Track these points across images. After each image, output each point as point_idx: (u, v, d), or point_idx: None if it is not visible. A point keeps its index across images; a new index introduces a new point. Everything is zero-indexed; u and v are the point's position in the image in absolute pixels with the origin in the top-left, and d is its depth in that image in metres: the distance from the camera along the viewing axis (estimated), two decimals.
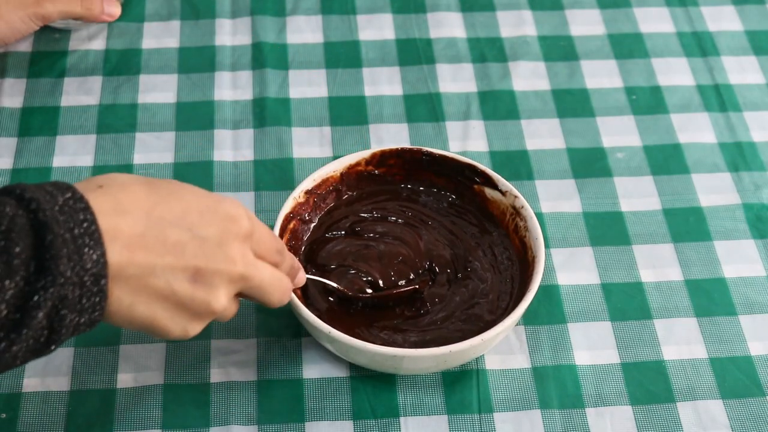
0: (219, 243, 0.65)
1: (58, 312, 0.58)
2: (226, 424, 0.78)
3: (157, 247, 0.62)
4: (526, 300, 0.78)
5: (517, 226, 0.85)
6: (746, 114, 1.02)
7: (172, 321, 0.65)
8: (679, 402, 0.81)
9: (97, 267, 0.59)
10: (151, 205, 0.63)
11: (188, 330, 0.66)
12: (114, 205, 0.61)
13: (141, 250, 0.61)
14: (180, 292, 0.64)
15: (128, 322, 0.63)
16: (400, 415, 0.79)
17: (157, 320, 0.64)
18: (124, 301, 0.62)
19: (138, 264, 0.61)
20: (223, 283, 0.65)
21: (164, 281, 0.63)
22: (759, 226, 0.93)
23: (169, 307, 0.64)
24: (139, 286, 0.62)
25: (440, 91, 1.03)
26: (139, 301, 0.62)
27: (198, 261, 0.64)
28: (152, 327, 0.64)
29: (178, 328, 0.65)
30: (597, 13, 1.12)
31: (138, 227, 0.62)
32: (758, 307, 0.88)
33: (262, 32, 1.07)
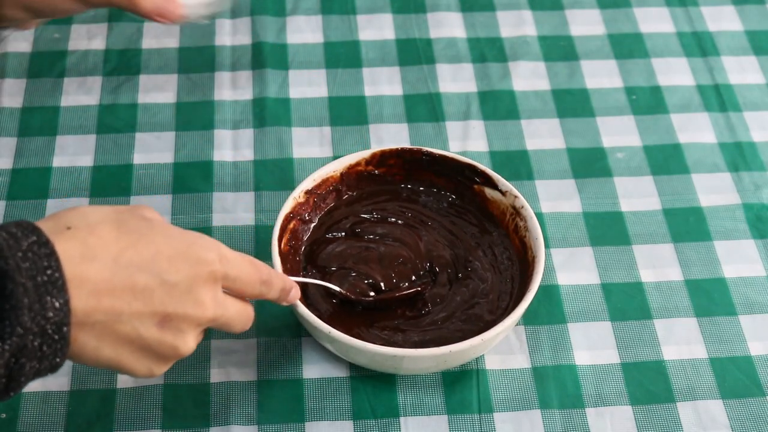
0: (188, 289, 0.64)
1: (17, 361, 0.57)
2: (226, 424, 0.78)
3: (124, 294, 0.61)
4: (526, 300, 0.78)
5: (517, 226, 0.85)
6: (746, 114, 1.02)
7: (138, 363, 0.64)
8: (679, 402, 0.81)
9: (59, 315, 0.57)
10: (119, 249, 0.62)
11: (154, 371, 0.66)
12: (82, 250, 0.60)
13: (107, 297, 0.60)
14: (147, 338, 0.63)
15: (93, 363, 0.63)
16: (400, 415, 0.79)
17: (123, 362, 0.63)
18: (88, 345, 0.61)
19: (104, 310, 0.60)
20: (191, 328, 0.65)
21: (131, 327, 0.62)
22: (759, 226, 0.93)
23: (135, 350, 0.63)
24: (104, 331, 0.61)
25: (440, 91, 1.03)
26: (105, 345, 0.62)
27: (166, 307, 0.63)
28: (118, 368, 0.64)
29: (144, 369, 0.65)
30: (597, 13, 1.12)
31: (105, 273, 0.60)
32: (758, 307, 0.88)
33: (262, 32, 1.07)
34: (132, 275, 0.61)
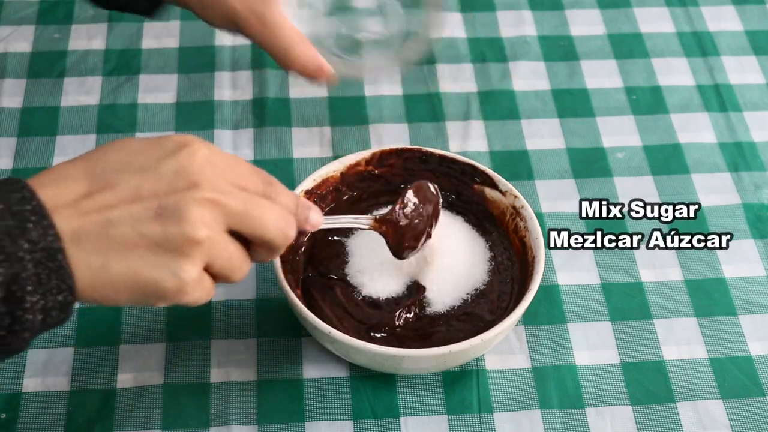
0: (175, 171, 0.58)
1: (14, 294, 0.54)
2: (226, 424, 0.78)
3: (107, 198, 0.57)
4: (526, 300, 0.78)
5: (517, 226, 0.85)
6: (746, 114, 1.02)
7: (157, 269, 0.58)
8: (679, 402, 0.81)
9: (46, 240, 0.54)
10: (91, 163, 0.58)
11: (180, 273, 0.58)
12: (52, 176, 0.58)
13: (90, 207, 0.57)
14: (150, 234, 0.57)
15: (111, 289, 0.57)
16: (400, 415, 0.79)
17: (141, 274, 0.57)
18: (93, 264, 0.56)
19: (92, 222, 0.56)
20: (192, 208, 0.58)
21: (128, 229, 0.57)
22: (759, 226, 0.93)
23: (145, 254, 0.57)
24: (102, 243, 0.56)
25: (440, 91, 1.03)
26: (111, 259, 0.57)
27: (156, 196, 0.58)
28: (139, 285, 0.58)
29: (168, 273, 0.58)
30: (597, 13, 1.12)
31: (82, 187, 0.57)
32: (758, 307, 0.88)
33: None
34: (110, 179, 0.58)
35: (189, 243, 0.58)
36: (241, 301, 0.85)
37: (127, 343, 0.83)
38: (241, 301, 0.85)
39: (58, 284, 0.55)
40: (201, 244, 0.58)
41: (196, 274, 0.59)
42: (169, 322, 0.84)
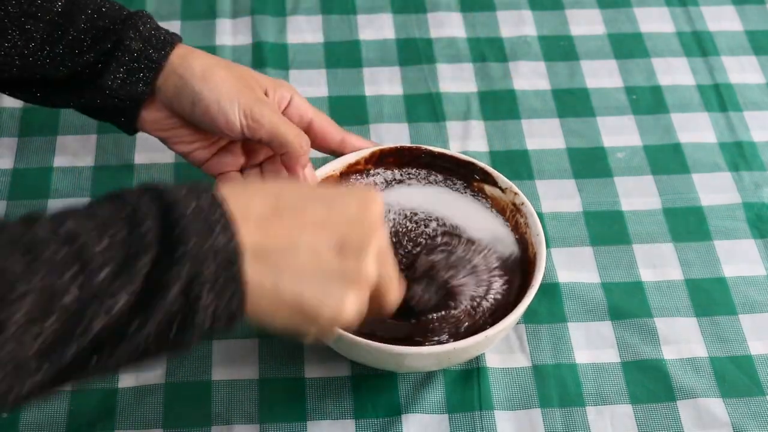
0: (359, 214, 0.62)
1: (192, 291, 0.55)
2: (228, 423, 0.78)
3: (295, 222, 0.60)
4: (528, 297, 0.78)
5: (517, 223, 0.85)
6: (746, 114, 1.02)
7: (323, 294, 0.60)
8: (680, 401, 0.81)
9: (229, 247, 0.56)
10: (278, 187, 0.62)
11: (343, 300, 0.60)
12: (240, 189, 0.61)
13: (277, 227, 0.59)
14: (327, 263, 0.60)
15: (273, 307, 0.59)
16: (402, 414, 0.79)
17: (307, 298, 0.59)
18: (265, 281, 0.58)
19: (276, 240, 0.59)
20: (371, 251, 0.61)
21: (307, 254, 0.59)
22: (759, 225, 0.93)
23: (317, 280, 0.60)
24: (280, 264, 0.59)
25: (440, 91, 1.03)
26: (283, 279, 0.59)
27: (342, 232, 0.61)
28: (302, 308, 0.59)
29: (332, 302, 0.60)
30: (597, 13, 1.12)
31: (269, 205, 0.59)
32: (758, 306, 0.88)
33: (263, 32, 1.07)
34: (297, 203, 0.61)
35: (361, 281, 0.61)
36: None
37: None
38: None
39: (232, 293, 0.57)
40: (369, 285, 0.62)
41: (358, 311, 0.62)
42: None
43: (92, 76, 0.79)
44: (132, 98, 0.80)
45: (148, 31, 0.80)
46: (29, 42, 0.79)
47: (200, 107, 0.80)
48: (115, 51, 0.79)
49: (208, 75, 0.80)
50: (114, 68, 0.79)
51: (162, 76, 0.80)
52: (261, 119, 0.80)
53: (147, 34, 0.79)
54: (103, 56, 0.79)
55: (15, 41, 0.78)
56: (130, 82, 0.79)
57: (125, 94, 0.80)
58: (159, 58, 0.79)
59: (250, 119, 0.80)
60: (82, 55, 0.79)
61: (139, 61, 0.79)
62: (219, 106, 0.79)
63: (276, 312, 0.59)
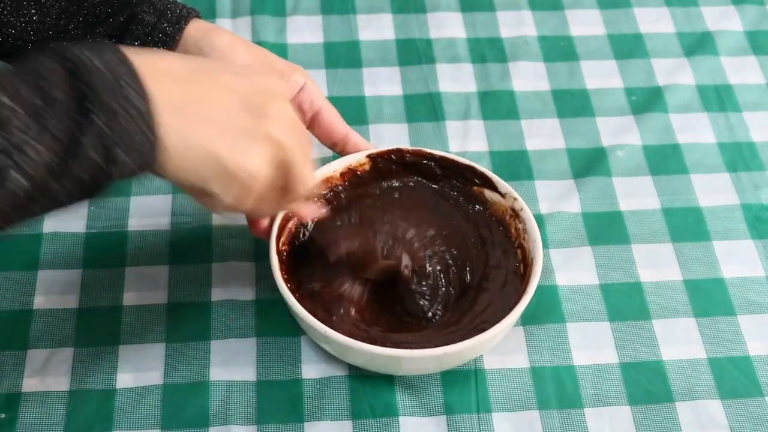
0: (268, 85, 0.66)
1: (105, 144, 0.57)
2: (225, 424, 0.79)
3: (207, 84, 0.63)
4: (523, 302, 0.78)
5: (516, 228, 0.84)
6: (746, 114, 1.02)
7: (231, 146, 0.63)
8: (678, 402, 0.81)
9: (138, 100, 0.58)
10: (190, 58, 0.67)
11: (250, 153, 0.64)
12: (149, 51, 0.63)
13: (189, 85, 0.62)
14: (236, 119, 0.63)
15: (190, 160, 0.62)
16: (399, 415, 0.80)
17: (221, 150, 0.62)
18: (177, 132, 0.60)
19: (188, 97, 0.62)
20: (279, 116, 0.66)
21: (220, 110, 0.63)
22: (758, 226, 0.93)
23: (226, 134, 0.63)
24: (192, 116, 0.61)
25: (440, 91, 1.03)
26: (195, 130, 0.62)
27: (251, 96, 0.65)
28: (216, 161, 0.63)
29: (239, 152, 0.64)
30: (597, 13, 1.12)
31: (180, 65, 0.63)
32: (757, 307, 0.88)
33: (262, 32, 1.07)
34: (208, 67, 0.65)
35: (270, 139, 0.65)
36: (240, 302, 0.85)
37: (127, 343, 0.83)
38: (240, 301, 0.85)
39: (145, 144, 0.59)
40: (278, 144, 0.65)
41: (266, 166, 0.65)
42: (169, 322, 0.84)
43: None
44: None
45: (163, 5, 0.80)
46: (45, 17, 0.79)
47: None
48: (129, 24, 0.79)
49: (228, 52, 0.80)
50: (128, 42, 0.79)
51: (180, 49, 0.80)
52: None
53: (162, 7, 0.80)
54: (117, 30, 0.79)
55: (31, 17, 0.79)
56: None
57: None
58: (173, 32, 0.80)
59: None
60: (96, 27, 0.79)
61: (153, 34, 0.79)
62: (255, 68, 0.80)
63: (186, 164, 0.62)
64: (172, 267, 0.88)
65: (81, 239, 0.89)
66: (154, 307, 0.85)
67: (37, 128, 0.55)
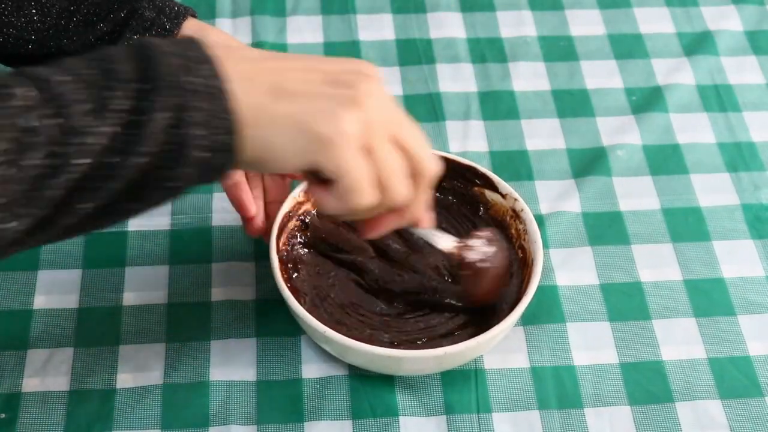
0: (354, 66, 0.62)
1: (179, 122, 0.55)
2: (225, 424, 0.79)
3: (286, 65, 0.60)
4: (523, 303, 0.78)
5: (516, 229, 0.84)
6: (745, 114, 1.02)
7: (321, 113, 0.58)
8: (678, 402, 0.81)
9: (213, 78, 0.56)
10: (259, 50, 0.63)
11: (339, 114, 0.59)
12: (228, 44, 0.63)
13: (268, 67, 0.59)
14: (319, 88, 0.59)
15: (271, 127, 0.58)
16: (399, 415, 0.80)
17: (305, 113, 0.58)
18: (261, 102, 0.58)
19: (264, 73, 0.59)
20: (363, 85, 0.60)
21: (300, 83, 0.59)
22: (758, 226, 0.93)
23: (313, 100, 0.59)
24: (270, 89, 0.58)
25: (440, 91, 1.03)
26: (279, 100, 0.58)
27: (336, 73, 0.61)
28: (301, 125, 0.58)
29: (327, 113, 0.58)
30: (597, 13, 1.12)
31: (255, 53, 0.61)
32: (757, 307, 0.88)
33: (262, 32, 1.07)
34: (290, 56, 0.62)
35: (356, 102, 0.59)
36: (240, 302, 0.85)
37: (127, 343, 0.83)
38: (240, 301, 0.85)
39: (223, 122, 0.56)
40: (368, 111, 0.60)
41: (356, 130, 0.59)
42: (169, 322, 0.84)
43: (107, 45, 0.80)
44: None
45: (162, 1, 0.81)
46: (46, 16, 0.80)
47: None
48: (129, 19, 0.80)
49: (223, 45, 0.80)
50: (128, 36, 0.80)
51: None
52: None
53: (161, 4, 0.81)
54: (117, 25, 0.80)
55: (32, 16, 0.79)
56: None
57: None
58: (171, 27, 0.80)
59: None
60: (96, 24, 0.80)
61: (152, 29, 0.80)
62: None
63: (273, 137, 0.58)
64: (172, 267, 0.88)
65: (81, 239, 0.89)
66: (154, 307, 0.85)
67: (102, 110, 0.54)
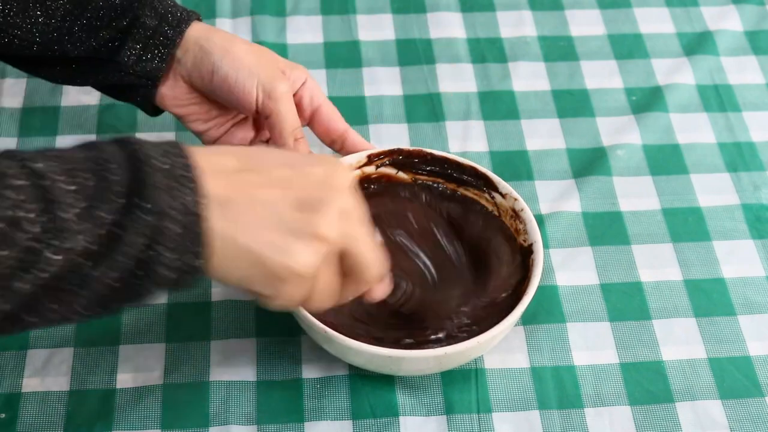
0: (323, 178, 0.64)
1: (152, 245, 0.57)
2: (225, 424, 0.78)
3: (260, 179, 0.62)
4: (523, 303, 0.78)
5: (516, 229, 0.84)
6: (745, 114, 1.02)
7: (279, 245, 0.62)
8: (678, 402, 0.81)
9: (194, 206, 0.58)
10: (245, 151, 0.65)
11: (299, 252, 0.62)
12: (213, 149, 0.64)
13: (242, 182, 0.62)
14: (287, 219, 0.62)
15: (233, 261, 0.61)
16: (400, 415, 0.79)
17: (265, 251, 0.61)
18: (227, 231, 0.60)
19: (240, 194, 0.61)
20: (331, 208, 0.63)
21: (269, 209, 0.62)
22: (758, 226, 0.93)
23: (276, 236, 0.62)
24: (241, 216, 0.61)
25: (440, 91, 1.03)
26: (243, 230, 0.61)
27: (305, 191, 0.63)
28: (260, 261, 0.61)
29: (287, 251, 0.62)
30: (597, 13, 1.12)
31: (235, 163, 0.62)
32: (757, 307, 0.88)
33: (262, 32, 1.07)
34: (261, 164, 0.63)
35: (318, 237, 0.62)
36: (240, 302, 0.85)
37: (127, 343, 0.83)
38: (241, 301, 0.85)
39: (194, 249, 0.59)
40: (328, 241, 0.63)
41: (314, 265, 0.63)
42: (169, 322, 0.84)
43: (110, 53, 0.81)
44: (148, 74, 0.82)
45: (164, 8, 0.81)
46: (50, 19, 0.80)
47: (219, 77, 0.81)
48: (131, 28, 0.80)
49: (229, 47, 0.81)
50: (130, 45, 0.80)
51: (182, 48, 0.81)
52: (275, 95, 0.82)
53: (163, 11, 0.81)
54: (120, 33, 0.80)
55: (36, 18, 0.80)
56: (146, 58, 0.81)
57: (141, 70, 0.81)
58: (174, 35, 0.80)
59: (267, 95, 0.82)
60: (99, 31, 0.80)
61: (155, 37, 0.80)
62: (237, 76, 0.81)
63: (235, 266, 0.61)
64: None
65: None
66: (154, 307, 0.85)
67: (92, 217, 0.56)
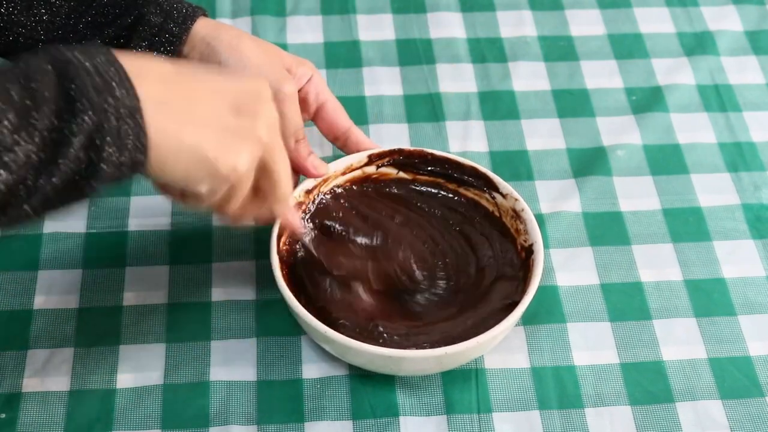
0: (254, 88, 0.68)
1: (94, 142, 0.58)
2: (226, 424, 0.78)
3: (194, 84, 0.64)
4: (524, 303, 0.78)
5: (517, 229, 0.84)
6: (746, 114, 1.02)
7: (220, 149, 0.64)
8: (679, 402, 0.81)
9: (128, 99, 0.59)
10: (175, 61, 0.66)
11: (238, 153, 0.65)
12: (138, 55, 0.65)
13: (177, 85, 0.63)
14: (224, 119, 0.64)
15: (173, 157, 0.62)
16: (400, 415, 0.79)
17: (205, 148, 0.63)
18: (167, 130, 0.61)
19: (176, 95, 0.63)
20: (265, 116, 0.67)
21: (209, 109, 0.64)
22: (758, 226, 0.93)
23: (214, 134, 0.64)
24: (181, 114, 0.62)
25: (440, 91, 1.03)
26: (185, 127, 0.62)
27: (238, 98, 0.66)
28: (200, 159, 0.63)
29: (228, 151, 0.64)
30: (597, 13, 1.12)
31: (169, 67, 0.64)
32: (757, 307, 0.88)
33: (262, 32, 1.07)
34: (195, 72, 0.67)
35: (254, 139, 0.66)
36: (240, 302, 0.85)
37: (127, 343, 0.83)
38: (241, 301, 0.85)
39: (134, 142, 0.60)
40: (262, 145, 0.67)
41: (248, 165, 0.66)
42: (169, 322, 0.84)
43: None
44: None
45: (170, 5, 0.81)
46: (55, 17, 0.80)
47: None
48: (137, 25, 0.80)
49: (236, 44, 0.81)
50: (135, 42, 0.80)
51: (188, 45, 0.81)
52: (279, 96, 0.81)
53: (168, 8, 0.81)
54: (125, 31, 0.80)
55: (41, 16, 0.80)
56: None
57: None
58: (179, 32, 0.80)
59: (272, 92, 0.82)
60: (104, 29, 0.80)
61: (160, 35, 0.80)
62: (244, 74, 0.81)
63: (175, 161, 0.63)
64: (172, 267, 0.88)
65: (81, 239, 0.89)
66: (154, 307, 0.85)
67: (26, 127, 0.56)
